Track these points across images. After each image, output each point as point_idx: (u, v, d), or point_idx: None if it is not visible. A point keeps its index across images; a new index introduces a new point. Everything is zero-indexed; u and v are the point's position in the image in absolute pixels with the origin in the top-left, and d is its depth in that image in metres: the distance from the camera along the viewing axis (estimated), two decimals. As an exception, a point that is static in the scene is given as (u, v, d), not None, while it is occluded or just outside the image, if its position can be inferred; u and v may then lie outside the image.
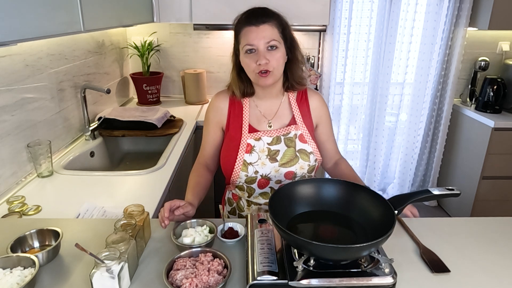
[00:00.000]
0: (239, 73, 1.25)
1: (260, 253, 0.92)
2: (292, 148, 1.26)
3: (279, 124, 1.29)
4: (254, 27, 1.14)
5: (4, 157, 1.38)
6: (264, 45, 1.15)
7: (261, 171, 1.24)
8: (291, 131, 1.27)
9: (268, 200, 0.97)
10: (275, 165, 1.24)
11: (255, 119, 1.29)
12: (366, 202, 1.01)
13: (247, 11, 1.19)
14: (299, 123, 1.29)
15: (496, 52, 2.94)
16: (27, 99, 1.50)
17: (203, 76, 2.68)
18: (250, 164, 1.24)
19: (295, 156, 1.25)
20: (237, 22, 1.20)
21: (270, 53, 1.16)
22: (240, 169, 1.24)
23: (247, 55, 1.17)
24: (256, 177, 1.25)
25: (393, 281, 0.85)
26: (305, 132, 1.28)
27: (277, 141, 1.26)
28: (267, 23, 1.15)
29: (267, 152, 1.25)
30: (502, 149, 2.63)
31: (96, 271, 0.83)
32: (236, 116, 1.29)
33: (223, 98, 1.31)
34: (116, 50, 2.50)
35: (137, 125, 2.02)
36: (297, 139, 1.27)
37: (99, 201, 1.33)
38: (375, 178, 3.21)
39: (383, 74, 2.91)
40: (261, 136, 1.26)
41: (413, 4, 2.76)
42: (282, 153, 1.25)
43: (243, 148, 1.24)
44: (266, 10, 1.19)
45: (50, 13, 1.16)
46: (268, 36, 1.15)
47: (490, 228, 1.16)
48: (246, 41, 1.16)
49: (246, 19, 1.16)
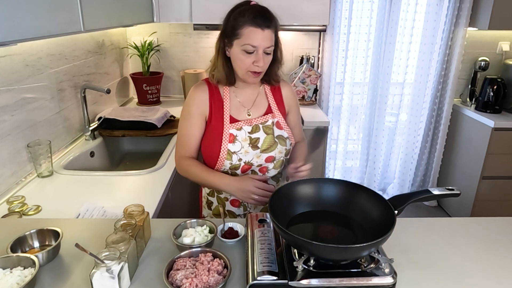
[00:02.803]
0: (225, 62, 1.28)
1: (260, 253, 0.92)
2: (271, 135, 1.33)
3: (257, 113, 1.35)
4: (260, 30, 1.18)
5: (4, 157, 1.38)
6: (264, 49, 1.21)
7: (244, 158, 1.31)
8: (268, 119, 1.34)
9: (269, 200, 0.97)
10: (257, 152, 1.31)
11: (235, 109, 1.34)
12: (366, 202, 1.01)
13: (252, 9, 1.21)
14: (274, 111, 1.37)
15: (496, 52, 2.94)
16: (27, 99, 1.50)
17: (203, 76, 2.67)
18: (234, 153, 1.29)
19: (274, 142, 1.33)
20: (240, 15, 1.20)
21: (266, 56, 1.23)
22: (224, 158, 1.30)
23: (245, 53, 1.21)
24: (240, 164, 1.31)
25: (393, 281, 0.85)
26: (280, 119, 1.37)
27: (256, 129, 1.32)
28: (270, 28, 1.20)
29: (249, 140, 1.31)
30: (502, 149, 2.63)
31: (96, 271, 0.83)
32: (217, 107, 1.32)
33: (203, 91, 1.33)
34: (116, 50, 2.50)
35: (137, 125, 2.02)
36: (274, 126, 1.35)
37: (99, 201, 1.33)
38: (375, 178, 3.21)
39: (383, 74, 2.91)
40: (242, 126, 1.31)
41: (413, 4, 2.76)
42: (262, 140, 1.32)
43: (226, 138, 1.29)
44: (269, 12, 1.22)
45: (50, 13, 1.16)
46: (269, 41, 1.21)
47: (490, 228, 1.16)
48: (249, 40, 1.19)
49: (253, 19, 1.18)
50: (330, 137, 3.08)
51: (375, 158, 3.15)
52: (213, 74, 1.31)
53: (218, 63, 1.29)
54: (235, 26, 1.20)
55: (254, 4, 1.24)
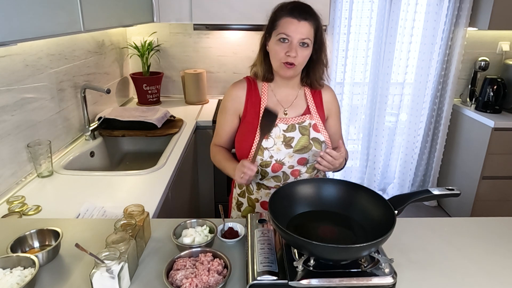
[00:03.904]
0: (265, 57, 1.32)
1: (260, 253, 0.92)
2: (306, 136, 1.31)
3: (294, 113, 1.35)
4: (296, 21, 1.20)
5: (4, 157, 1.38)
6: (298, 40, 1.21)
7: (276, 156, 1.30)
8: (305, 120, 1.33)
9: (268, 200, 0.97)
10: (290, 151, 1.30)
11: (272, 106, 1.33)
12: (366, 202, 1.01)
13: (293, 3, 1.25)
14: (313, 113, 1.35)
15: (496, 52, 2.94)
16: (27, 99, 1.50)
17: (203, 76, 2.68)
18: (266, 149, 1.29)
19: (309, 143, 1.31)
20: (279, 9, 1.25)
21: (300, 49, 1.23)
22: (256, 154, 1.28)
23: (279, 43, 1.23)
24: (271, 162, 1.30)
25: (393, 281, 0.85)
26: (318, 122, 1.35)
27: (292, 128, 1.31)
28: (308, 20, 1.22)
29: (283, 138, 1.30)
30: (502, 149, 2.63)
31: (96, 271, 0.83)
32: (254, 103, 1.34)
33: (240, 87, 1.37)
34: (116, 50, 2.50)
35: (137, 125, 2.02)
36: (311, 128, 1.33)
37: (99, 201, 1.33)
38: (375, 178, 3.21)
39: (383, 74, 2.91)
40: (278, 123, 1.31)
41: (413, 4, 2.76)
42: (296, 140, 1.30)
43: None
44: (310, 8, 1.25)
45: (50, 13, 1.16)
46: (304, 33, 1.21)
47: (490, 228, 1.16)
48: (283, 29, 1.21)
49: (291, 10, 1.22)
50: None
51: (375, 158, 3.15)
52: (254, 70, 1.36)
53: (258, 58, 1.33)
54: (274, 19, 1.25)
55: (297, 0, 1.27)
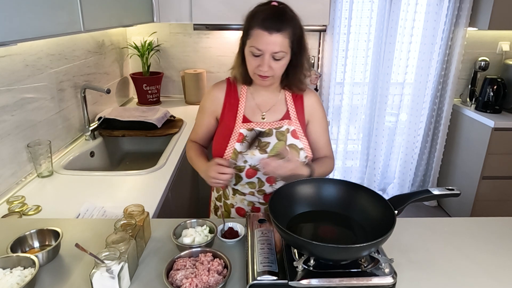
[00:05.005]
0: (243, 60, 1.24)
1: (260, 253, 0.92)
2: (283, 141, 1.27)
3: (272, 118, 1.30)
4: (267, 34, 1.12)
5: (4, 157, 1.38)
6: (271, 53, 1.14)
7: (250, 161, 1.26)
8: (283, 125, 1.28)
9: (269, 200, 0.97)
10: (264, 156, 1.25)
11: (250, 110, 1.31)
12: (366, 202, 1.01)
13: (266, 10, 1.15)
14: (293, 118, 1.30)
15: (496, 52, 2.94)
16: (27, 99, 1.50)
17: (203, 76, 2.68)
18: (240, 153, 1.26)
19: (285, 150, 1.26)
20: (252, 17, 1.16)
21: (274, 62, 1.16)
22: (230, 157, 1.26)
23: (251, 55, 1.17)
24: (245, 166, 1.27)
25: (393, 281, 0.85)
26: (298, 128, 1.30)
27: (269, 133, 1.27)
28: (280, 32, 1.12)
29: (258, 143, 1.26)
30: (502, 149, 2.63)
31: (96, 271, 0.83)
32: (232, 106, 1.31)
33: (220, 89, 1.34)
34: (116, 50, 2.50)
35: (137, 125, 2.02)
36: (289, 134, 1.28)
37: (99, 201, 1.33)
38: (375, 178, 3.21)
39: (383, 74, 2.91)
40: (254, 127, 1.27)
41: (413, 4, 2.76)
42: (272, 146, 1.26)
43: (235, 137, 1.27)
44: (283, 16, 1.15)
45: (50, 13, 1.16)
46: (277, 46, 1.13)
47: (490, 228, 1.16)
48: (255, 43, 1.14)
49: (262, 21, 1.13)
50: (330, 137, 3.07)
51: (375, 158, 3.15)
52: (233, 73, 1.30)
53: (236, 61, 1.27)
54: (247, 27, 1.18)
55: (273, 5, 1.17)
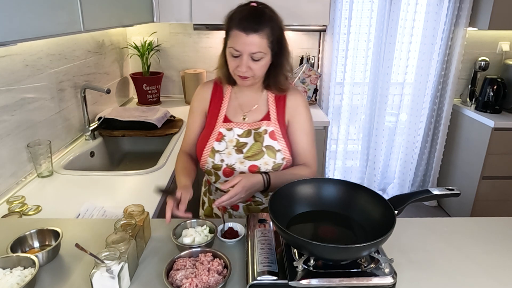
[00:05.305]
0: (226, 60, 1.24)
1: (260, 253, 0.92)
2: (259, 143, 1.27)
3: (253, 118, 1.31)
4: (244, 34, 1.12)
5: (4, 157, 1.38)
6: (248, 54, 1.14)
7: (227, 160, 1.27)
8: (261, 126, 1.28)
9: (269, 200, 0.97)
10: (240, 156, 1.26)
11: (232, 110, 1.32)
12: (366, 202, 1.01)
13: (244, 11, 1.16)
14: (272, 119, 1.29)
15: (496, 52, 2.94)
16: (27, 99, 1.50)
17: (203, 76, 2.68)
18: (218, 152, 1.27)
19: (261, 151, 1.26)
20: (230, 18, 1.17)
21: (253, 62, 1.16)
22: (208, 155, 1.28)
23: (231, 56, 1.18)
24: (222, 165, 1.28)
25: (393, 281, 0.85)
26: (277, 129, 1.28)
27: (248, 134, 1.28)
28: (257, 32, 1.12)
29: (235, 143, 1.27)
30: (502, 149, 2.63)
31: (96, 271, 0.83)
32: (216, 105, 1.33)
33: (207, 88, 1.36)
34: (116, 50, 2.50)
35: (137, 125, 2.02)
36: (266, 135, 1.27)
37: (99, 201, 1.33)
38: (375, 178, 3.21)
39: (383, 74, 2.91)
40: (233, 127, 1.29)
41: (413, 4, 2.76)
42: (248, 146, 1.27)
43: (214, 135, 1.28)
44: (261, 16, 1.14)
45: (50, 13, 1.16)
46: (255, 47, 1.13)
47: (490, 228, 1.16)
48: (233, 43, 1.14)
49: (239, 21, 1.13)
50: (330, 137, 3.08)
51: (375, 158, 3.14)
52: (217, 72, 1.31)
53: (219, 61, 1.28)
54: (226, 28, 1.18)
55: (252, 5, 1.17)
